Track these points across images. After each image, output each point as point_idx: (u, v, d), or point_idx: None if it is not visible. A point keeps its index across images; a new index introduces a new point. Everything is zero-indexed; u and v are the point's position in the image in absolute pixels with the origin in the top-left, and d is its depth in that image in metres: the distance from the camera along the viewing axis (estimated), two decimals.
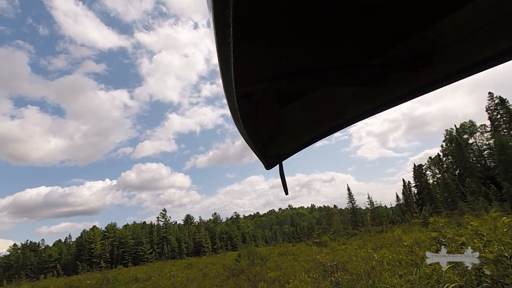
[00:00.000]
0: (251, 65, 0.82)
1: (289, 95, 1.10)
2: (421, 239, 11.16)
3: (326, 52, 0.89)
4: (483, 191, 34.24)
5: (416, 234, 14.93)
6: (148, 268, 28.70)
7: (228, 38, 0.44)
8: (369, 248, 11.83)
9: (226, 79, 0.59)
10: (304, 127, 1.27)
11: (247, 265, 12.85)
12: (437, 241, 4.50)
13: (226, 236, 72.73)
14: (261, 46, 0.77)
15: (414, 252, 4.48)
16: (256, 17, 0.65)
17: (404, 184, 52.71)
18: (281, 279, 8.09)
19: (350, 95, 1.08)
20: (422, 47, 0.86)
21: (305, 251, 17.34)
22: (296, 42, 0.81)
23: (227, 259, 22.50)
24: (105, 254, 60.34)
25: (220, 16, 0.39)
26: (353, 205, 46.13)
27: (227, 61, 0.51)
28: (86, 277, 24.71)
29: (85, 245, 61.25)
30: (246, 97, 0.81)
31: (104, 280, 15.70)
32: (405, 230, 17.92)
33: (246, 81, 0.77)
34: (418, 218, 21.17)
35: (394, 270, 4.59)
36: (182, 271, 17.88)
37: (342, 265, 8.42)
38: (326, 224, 43.22)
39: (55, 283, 21.61)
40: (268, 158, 1.31)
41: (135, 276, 16.98)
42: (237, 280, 9.64)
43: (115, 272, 18.57)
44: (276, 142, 1.31)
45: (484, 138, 49.71)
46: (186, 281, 11.91)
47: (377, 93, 1.02)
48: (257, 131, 1.11)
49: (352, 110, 1.12)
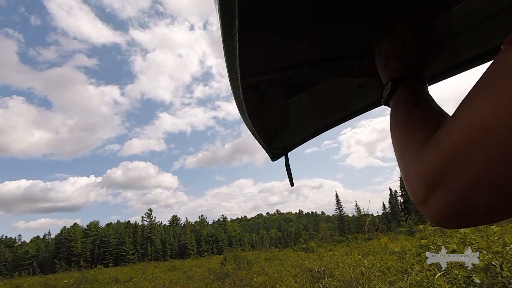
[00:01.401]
0: (256, 56, 0.80)
1: (295, 86, 1.09)
2: (407, 247, 11.29)
3: (333, 43, 0.87)
4: None
5: (402, 243, 15.11)
6: (130, 269, 27.87)
7: (234, 29, 0.44)
8: (357, 255, 11.87)
9: (232, 70, 0.58)
10: (310, 119, 1.25)
11: (233, 269, 12.63)
12: (427, 249, 4.48)
13: (212, 239, 71.86)
14: (267, 37, 0.76)
15: (404, 259, 4.45)
16: (262, 7, 0.64)
17: (390, 193, 53.72)
18: (267, 284, 7.94)
19: (357, 86, 1.06)
20: (432, 36, 0.85)
21: (292, 257, 17.25)
22: (302, 33, 0.79)
23: (212, 262, 22.13)
24: (86, 253, 58.39)
25: (225, 6, 0.39)
26: (340, 212, 46.53)
27: (233, 52, 0.50)
28: (63, 276, 23.78)
29: (64, 242, 59.07)
30: (252, 89, 0.79)
31: (82, 280, 15.12)
32: (391, 238, 18.09)
33: (252, 73, 0.76)
34: (404, 227, 21.48)
35: (383, 277, 4.54)
36: (165, 273, 17.45)
37: (329, 271, 8.35)
38: (313, 230, 43.40)
39: (29, 281, 20.70)
40: (274, 150, 1.30)
41: (115, 277, 16.40)
42: (222, 284, 9.42)
43: (94, 272, 17.92)
44: (281, 134, 1.30)
45: None
46: (169, 284, 11.57)
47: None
48: (263, 123, 1.11)
49: (358, 101, 1.10)
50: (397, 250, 4.68)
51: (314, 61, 0.84)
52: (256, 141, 1.14)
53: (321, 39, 0.84)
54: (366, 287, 4.13)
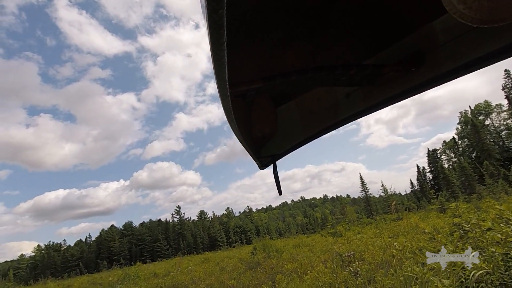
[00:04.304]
0: (245, 65, 0.81)
1: (284, 95, 1.11)
2: (439, 226, 10.92)
3: (320, 53, 0.89)
4: (503, 173, 33.12)
5: (434, 221, 14.63)
6: (166, 264, 29.41)
7: (222, 38, 0.44)
8: (387, 237, 11.69)
9: (220, 79, 0.58)
10: (299, 127, 1.27)
11: (263, 257, 12.94)
12: (460, 228, 4.35)
13: (240, 230, 73.51)
14: (255, 46, 0.77)
15: (436, 239, 4.35)
16: (250, 17, 0.65)
17: (418, 170, 51.60)
18: (298, 270, 8.09)
19: (344, 95, 1.09)
20: (414, 48, 0.88)
21: (320, 242, 17.30)
22: (290, 42, 0.80)
23: (243, 252, 22.77)
24: (124, 252, 62.21)
25: (213, 16, 0.39)
26: (366, 193, 45.60)
27: (221, 61, 0.50)
28: (107, 274, 25.60)
29: (104, 243, 63.31)
30: (241, 97, 0.80)
31: (125, 277, 16.18)
32: (422, 217, 17.57)
33: (241, 81, 0.77)
34: (435, 204, 20.71)
35: (415, 259, 4.48)
36: (199, 265, 18.22)
37: (359, 254, 8.32)
38: (340, 214, 43.00)
39: (79, 281, 22.45)
40: (262, 158, 1.30)
41: (154, 272, 17.43)
42: (254, 273, 9.72)
43: (135, 268, 19.09)
44: (270, 142, 1.30)
45: (501, 118, 48.04)
46: (205, 275, 12.11)
47: (371, 93, 1.03)
48: (251, 131, 1.12)
49: (346, 110, 1.12)
50: (428, 231, 4.56)
51: (302, 70, 0.85)
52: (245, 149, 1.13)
53: (309, 48, 0.86)
54: (398, 270, 4.11)
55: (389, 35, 0.89)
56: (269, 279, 7.97)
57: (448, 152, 55.49)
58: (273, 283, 7.26)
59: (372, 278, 5.38)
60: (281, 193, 1.32)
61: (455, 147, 53.33)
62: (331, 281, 5.94)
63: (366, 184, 45.83)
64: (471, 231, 4.13)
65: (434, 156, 49.96)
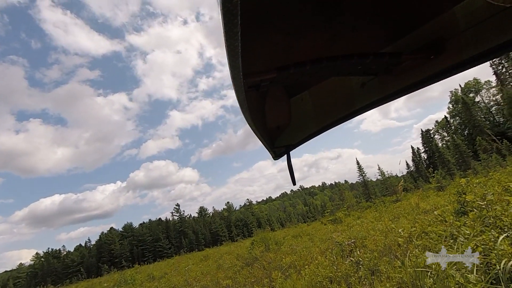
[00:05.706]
0: (259, 55, 0.81)
1: (298, 86, 1.13)
2: (440, 204, 10.47)
3: (336, 42, 0.89)
4: (495, 148, 33.28)
5: (434, 199, 14.26)
6: (165, 264, 28.96)
7: (236, 27, 0.44)
8: (387, 220, 11.24)
9: (234, 69, 0.58)
10: (312, 118, 1.23)
11: (261, 252, 12.44)
12: (474, 206, 3.76)
13: (242, 223, 73.54)
14: (269, 36, 0.77)
15: (448, 222, 3.76)
16: (265, 6, 0.65)
17: (413, 151, 51.94)
18: (297, 264, 7.56)
19: (360, 84, 1.07)
20: (434, 35, 0.86)
21: (321, 230, 16.93)
22: (305, 31, 0.81)
23: (243, 246, 22.38)
24: (125, 253, 61.78)
25: (228, 5, 0.40)
26: (364, 178, 45.53)
27: (235, 51, 0.50)
28: (106, 278, 25.09)
29: (105, 246, 62.66)
30: (254, 88, 0.81)
31: (121, 281, 15.65)
32: (421, 197, 17.22)
33: (254, 72, 0.76)
34: (432, 183, 20.44)
35: (424, 245, 3.89)
36: (198, 264, 17.75)
37: (360, 241, 7.84)
38: (339, 200, 42.99)
39: None
40: (276, 149, 1.30)
41: (151, 274, 16.88)
42: (251, 269, 9.19)
43: (131, 272, 18.57)
44: (284, 133, 1.30)
45: (491, 94, 48.62)
46: (201, 275, 11.60)
47: (387, 82, 1.01)
48: (265, 122, 1.14)
49: (361, 100, 1.08)
50: (438, 213, 3.97)
51: (317, 59, 0.81)
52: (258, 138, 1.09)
53: (325, 37, 0.85)
54: (406, 260, 3.51)
55: (408, 22, 0.87)
56: (266, 275, 7.42)
57: (441, 132, 56.02)
58: (269, 281, 6.69)
59: (375, 269, 4.85)
60: (295, 183, 1.31)
61: (447, 126, 53.89)
62: (331, 274, 5.40)
63: (363, 168, 45.73)
64: (487, 209, 3.53)
65: (428, 136, 50.35)
